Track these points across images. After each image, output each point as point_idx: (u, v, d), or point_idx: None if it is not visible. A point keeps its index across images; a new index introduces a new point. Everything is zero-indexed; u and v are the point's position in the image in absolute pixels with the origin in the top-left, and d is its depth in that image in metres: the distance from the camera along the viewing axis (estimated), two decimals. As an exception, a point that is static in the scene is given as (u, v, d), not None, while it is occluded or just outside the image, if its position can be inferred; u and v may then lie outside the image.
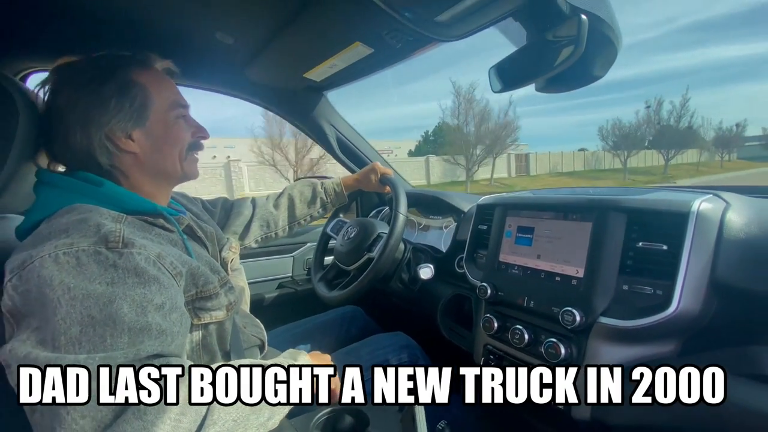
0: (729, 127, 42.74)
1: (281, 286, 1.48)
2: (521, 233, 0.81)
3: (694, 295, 0.57)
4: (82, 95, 0.57)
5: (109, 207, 0.55)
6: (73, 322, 0.42)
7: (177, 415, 0.43)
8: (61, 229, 0.49)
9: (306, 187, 1.08)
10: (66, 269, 0.45)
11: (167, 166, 0.64)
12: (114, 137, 0.58)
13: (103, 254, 0.47)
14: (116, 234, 0.49)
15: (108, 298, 0.45)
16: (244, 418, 0.49)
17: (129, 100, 0.58)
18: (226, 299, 0.63)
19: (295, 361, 0.62)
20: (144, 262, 0.49)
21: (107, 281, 0.46)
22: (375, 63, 0.94)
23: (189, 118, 0.67)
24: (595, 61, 0.71)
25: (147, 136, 0.61)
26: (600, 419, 0.63)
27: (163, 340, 0.47)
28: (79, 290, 0.44)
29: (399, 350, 0.93)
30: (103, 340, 0.43)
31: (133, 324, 0.45)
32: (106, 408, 0.41)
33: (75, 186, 0.56)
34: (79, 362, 0.41)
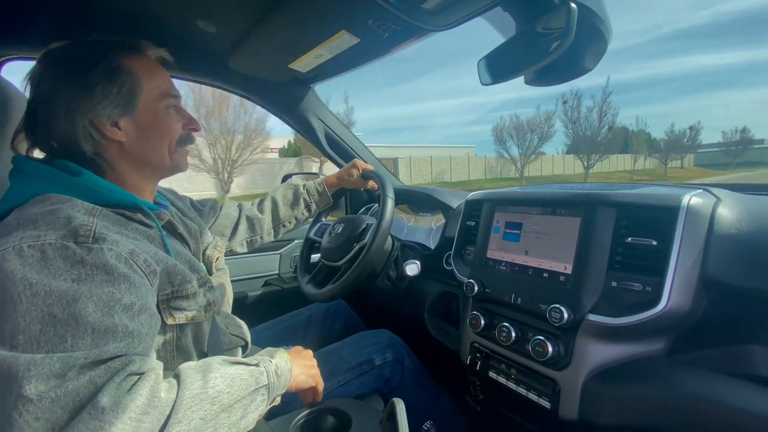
0: (682, 130, 37.92)
1: (267, 283, 1.45)
2: (509, 229, 0.80)
3: (684, 291, 0.56)
4: (67, 80, 0.54)
5: (86, 198, 0.52)
6: (33, 320, 0.40)
7: (138, 415, 0.41)
8: (30, 220, 0.47)
9: (288, 190, 1.07)
10: (30, 263, 0.42)
11: (155, 158, 0.61)
12: (99, 124, 0.56)
13: (70, 249, 0.45)
14: (87, 228, 0.47)
15: (72, 296, 0.42)
16: (213, 417, 0.47)
17: (116, 87, 0.56)
18: (205, 299, 0.60)
19: (271, 358, 0.60)
20: (114, 258, 0.47)
21: (73, 278, 0.43)
22: (362, 54, 0.92)
23: (180, 109, 0.65)
24: (585, 53, 0.70)
25: (135, 125, 0.59)
26: (587, 419, 0.62)
27: (129, 343, 0.45)
28: (42, 286, 0.41)
29: (383, 349, 0.91)
30: (63, 341, 0.41)
31: (97, 324, 0.43)
32: (61, 409, 0.39)
33: (51, 175, 0.54)
34: (35, 362, 0.39)
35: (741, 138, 42.86)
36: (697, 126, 38.91)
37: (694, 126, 38.54)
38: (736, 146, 42.60)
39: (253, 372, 0.54)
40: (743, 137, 42.88)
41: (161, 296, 0.54)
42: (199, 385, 0.47)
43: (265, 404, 0.55)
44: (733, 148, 42.49)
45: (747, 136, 43.06)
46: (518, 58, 0.72)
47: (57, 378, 0.39)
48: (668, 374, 0.56)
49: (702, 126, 41.91)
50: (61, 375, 0.39)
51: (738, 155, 42.63)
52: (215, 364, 0.51)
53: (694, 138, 37.92)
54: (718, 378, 0.53)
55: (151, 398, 0.42)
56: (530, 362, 0.69)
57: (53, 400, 0.38)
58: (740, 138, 42.88)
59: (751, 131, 43.39)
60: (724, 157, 43.83)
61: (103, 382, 0.41)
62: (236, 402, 0.50)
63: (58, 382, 0.39)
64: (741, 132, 42.95)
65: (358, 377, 0.85)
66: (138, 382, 0.43)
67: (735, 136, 42.96)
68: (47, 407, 0.38)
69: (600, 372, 0.62)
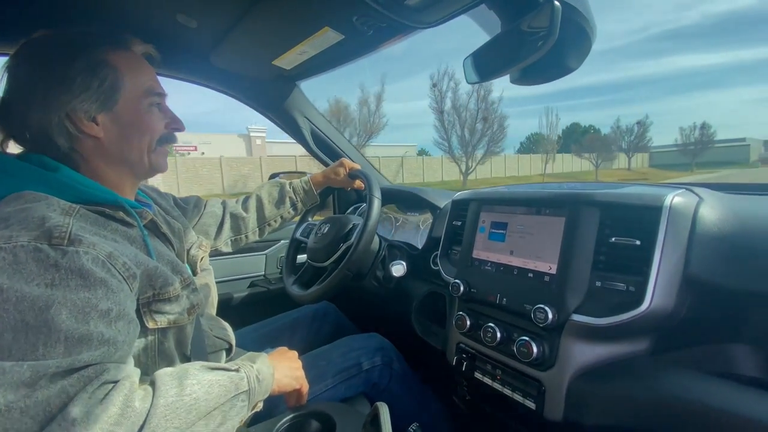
0: (629, 126, 33.27)
1: (253, 284, 1.43)
2: (495, 229, 0.79)
3: (667, 291, 0.56)
4: (46, 71, 0.52)
5: (64, 195, 0.50)
6: (5, 327, 0.39)
7: (110, 426, 0.39)
8: (2, 218, 0.45)
9: (274, 188, 1.04)
10: (1, 267, 0.40)
11: (132, 156, 0.59)
12: (75, 118, 0.53)
13: (44, 252, 0.42)
14: (62, 229, 0.45)
15: (45, 302, 0.40)
16: (190, 425, 0.46)
17: (97, 81, 0.54)
18: (188, 302, 0.58)
19: (252, 363, 0.58)
20: (91, 262, 0.45)
21: (46, 282, 0.41)
22: (347, 51, 0.90)
23: (164, 108, 0.63)
24: (569, 52, 0.69)
25: (113, 122, 0.56)
26: (573, 420, 0.62)
27: (105, 351, 0.43)
28: (13, 292, 0.40)
29: (372, 353, 0.90)
30: (35, 349, 0.39)
31: (71, 332, 0.41)
32: (30, 419, 0.37)
33: (26, 171, 0.51)
34: (3, 370, 0.37)
35: (701, 135, 37.76)
36: (645, 121, 33.40)
37: (642, 121, 33.18)
38: (695, 145, 37.64)
39: (233, 378, 0.53)
40: (703, 135, 37.75)
41: (142, 300, 0.52)
42: (174, 393, 0.45)
43: (245, 410, 0.54)
44: (692, 147, 37.66)
45: (707, 133, 37.68)
46: (504, 57, 0.71)
47: (27, 387, 0.37)
48: (652, 374, 0.56)
49: (651, 122, 34.14)
50: (30, 384, 0.38)
51: (697, 155, 37.93)
52: (193, 370, 0.50)
53: (642, 135, 32.80)
54: (701, 378, 0.53)
55: (124, 408, 0.41)
56: (515, 363, 0.69)
57: (22, 410, 0.37)
58: (700, 136, 37.76)
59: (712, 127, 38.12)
60: (682, 157, 39.35)
61: (75, 392, 0.40)
62: (214, 409, 0.49)
63: (27, 392, 0.37)
64: (701, 129, 37.89)
65: (345, 381, 0.84)
66: (111, 391, 0.41)
67: (694, 133, 37.91)
68: (16, 418, 0.36)
69: (584, 372, 0.61)
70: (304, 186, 1.06)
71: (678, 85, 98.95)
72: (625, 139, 34.15)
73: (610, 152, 33.41)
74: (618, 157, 36.03)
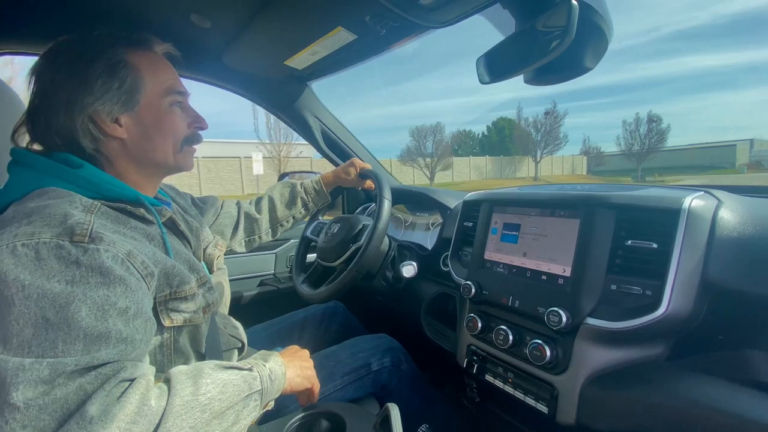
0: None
1: (263, 283, 1.43)
2: (507, 230, 0.78)
3: (685, 295, 0.55)
4: (68, 73, 0.53)
5: (86, 192, 0.51)
6: (26, 323, 0.39)
7: (127, 424, 0.40)
8: (25, 214, 0.45)
9: (285, 188, 1.05)
10: (23, 263, 0.41)
11: (157, 156, 0.60)
12: (98, 120, 0.54)
13: (65, 248, 0.43)
14: (84, 226, 0.45)
15: (65, 299, 0.41)
16: (204, 424, 0.46)
17: (117, 82, 0.54)
18: (204, 300, 0.59)
19: (265, 362, 0.59)
20: (111, 260, 0.45)
21: (67, 279, 0.42)
22: (359, 51, 0.90)
23: (186, 107, 0.63)
24: (585, 52, 0.68)
25: (136, 123, 0.57)
26: (585, 424, 0.61)
27: (123, 349, 0.44)
28: (34, 289, 0.40)
29: (381, 354, 0.90)
30: (54, 346, 0.40)
31: (90, 330, 0.41)
32: (48, 416, 0.37)
33: (51, 168, 0.52)
34: (23, 367, 0.37)
35: (648, 131, 32.24)
36: (551, 107, 29.45)
37: (550, 110, 28.54)
38: (640, 145, 32.13)
39: (246, 377, 0.53)
40: (652, 131, 32.18)
41: (159, 298, 0.53)
42: (189, 391, 0.45)
43: (258, 410, 0.54)
44: (637, 148, 32.25)
45: (658, 128, 32.13)
46: (517, 57, 0.70)
47: (45, 384, 0.38)
48: (668, 379, 0.55)
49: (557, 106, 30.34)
50: (49, 381, 0.38)
51: (643, 158, 32.37)
52: (207, 369, 0.50)
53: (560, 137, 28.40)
54: (718, 383, 0.52)
55: (140, 407, 0.41)
56: (527, 366, 0.68)
57: (41, 407, 0.37)
58: (647, 131, 32.26)
59: (663, 120, 31.81)
60: (626, 162, 34.15)
61: (92, 390, 0.40)
62: (228, 408, 0.49)
63: (46, 389, 0.38)
64: (648, 122, 32.64)
65: (354, 382, 0.84)
66: (128, 389, 0.42)
67: (640, 129, 32.18)
68: (34, 415, 0.37)
69: (599, 376, 0.61)
70: (315, 186, 1.07)
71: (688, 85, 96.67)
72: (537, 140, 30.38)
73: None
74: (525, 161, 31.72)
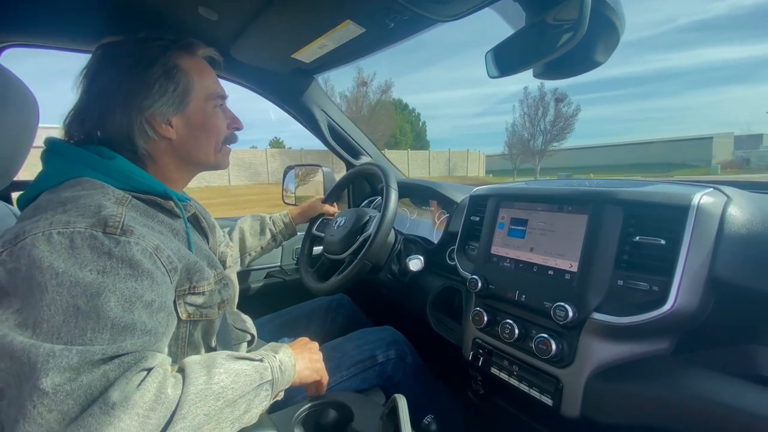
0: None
1: (269, 275, 1.45)
2: (514, 225, 0.79)
3: (692, 291, 0.55)
4: (126, 77, 0.56)
5: (119, 183, 0.53)
6: (57, 310, 0.41)
7: (145, 411, 0.41)
8: (60, 202, 0.47)
9: (255, 221, 1.09)
10: (58, 251, 0.42)
11: (200, 156, 0.63)
12: (154, 122, 0.57)
13: (99, 239, 0.45)
14: (117, 219, 0.47)
15: (96, 289, 0.42)
16: (218, 412, 0.47)
17: (173, 85, 0.58)
18: (219, 297, 0.60)
19: (275, 353, 0.60)
20: (140, 253, 0.47)
21: (99, 269, 0.44)
22: (367, 44, 0.90)
23: (225, 109, 0.67)
24: (596, 46, 0.68)
25: (185, 124, 0.60)
26: (589, 417, 0.62)
27: (146, 341, 0.45)
28: (68, 277, 0.42)
29: (387, 346, 0.91)
30: (83, 334, 0.41)
31: (117, 320, 0.43)
32: (73, 401, 0.38)
33: (85, 158, 0.54)
34: (53, 354, 0.39)
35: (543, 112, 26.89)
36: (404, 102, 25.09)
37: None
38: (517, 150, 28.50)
39: (258, 368, 0.54)
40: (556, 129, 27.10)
41: (178, 292, 0.54)
42: (203, 380, 0.47)
43: (268, 399, 0.55)
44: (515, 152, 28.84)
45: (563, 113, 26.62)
46: (527, 51, 0.70)
47: (73, 371, 0.39)
48: (673, 374, 0.56)
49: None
50: (77, 368, 0.39)
51: (517, 159, 28.99)
52: (220, 359, 0.51)
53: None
54: (723, 378, 0.52)
55: (158, 394, 0.42)
56: (533, 359, 0.69)
57: (68, 393, 0.38)
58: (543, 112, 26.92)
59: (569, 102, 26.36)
60: (505, 162, 30.69)
61: (115, 377, 0.41)
62: (240, 397, 0.50)
63: (72, 375, 0.39)
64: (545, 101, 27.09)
65: (360, 373, 0.85)
66: (147, 377, 0.43)
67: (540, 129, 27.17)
68: (61, 400, 0.38)
69: (603, 370, 0.61)
70: (283, 219, 1.11)
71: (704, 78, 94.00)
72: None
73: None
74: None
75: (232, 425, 0.50)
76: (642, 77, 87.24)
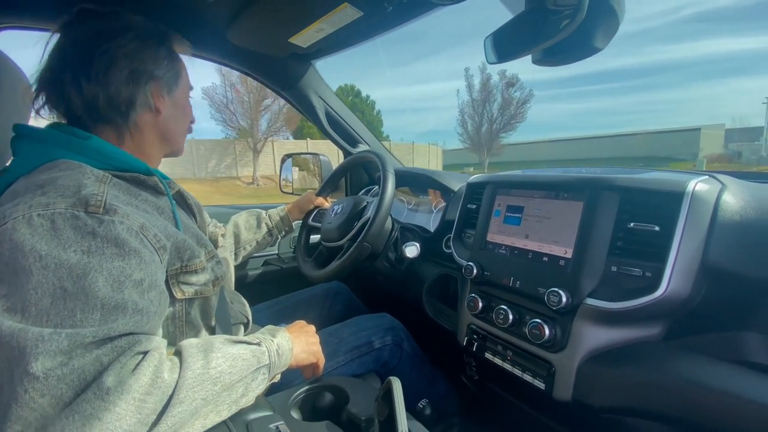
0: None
1: (267, 263, 1.45)
2: (510, 212, 0.79)
3: (684, 277, 0.56)
4: (141, 45, 0.58)
5: (97, 163, 0.52)
6: (44, 292, 0.40)
7: (141, 395, 0.40)
8: (38, 185, 0.46)
9: (251, 215, 1.09)
10: (39, 233, 0.41)
11: (176, 136, 0.67)
12: (155, 92, 0.61)
13: (81, 219, 0.44)
14: (98, 198, 0.46)
15: (83, 269, 0.42)
16: (215, 396, 0.47)
17: (173, 65, 0.63)
18: (213, 274, 0.60)
19: (273, 337, 0.60)
20: (126, 232, 0.46)
21: (83, 250, 0.42)
22: (365, 29, 0.89)
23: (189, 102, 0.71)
24: (596, 31, 0.67)
25: (172, 104, 0.64)
26: (581, 400, 0.63)
27: (138, 320, 0.44)
28: (52, 259, 0.41)
29: (383, 332, 0.92)
30: (73, 315, 0.40)
31: (107, 300, 0.42)
32: (66, 386, 0.38)
33: (58, 139, 0.53)
34: (42, 338, 0.38)
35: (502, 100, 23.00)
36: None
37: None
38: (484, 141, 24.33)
39: (255, 351, 0.54)
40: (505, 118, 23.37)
41: (170, 272, 0.54)
42: (201, 365, 0.46)
43: (265, 382, 0.56)
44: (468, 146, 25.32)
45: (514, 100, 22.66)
46: (526, 36, 0.69)
47: (64, 355, 0.38)
48: (663, 358, 0.56)
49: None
50: (67, 352, 0.39)
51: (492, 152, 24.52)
52: (217, 343, 0.51)
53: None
54: (712, 363, 0.53)
55: (154, 379, 0.42)
56: (526, 344, 0.70)
57: (59, 377, 0.38)
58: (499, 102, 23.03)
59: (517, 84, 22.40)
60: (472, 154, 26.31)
61: (108, 361, 0.41)
62: (238, 381, 0.50)
63: (64, 359, 0.38)
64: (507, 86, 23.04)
65: (357, 358, 0.86)
66: (142, 361, 0.42)
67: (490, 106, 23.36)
68: (53, 384, 0.37)
69: (595, 355, 0.62)
70: (280, 213, 1.11)
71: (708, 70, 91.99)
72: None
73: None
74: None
75: (230, 408, 0.51)
76: (645, 69, 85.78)
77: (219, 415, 0.49)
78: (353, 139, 1.43)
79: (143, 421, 0.40)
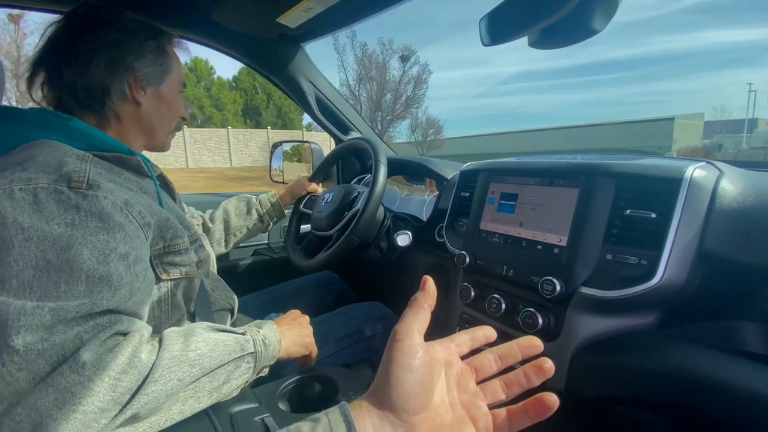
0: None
1: (256, 253, 1.43)
2: (504, 200, 0.77)
3: (680, 265, 0.55)
4: (126, 37, 0.59)
5: (78, 144, 0.51)
6: (26, 264, 0.39)
7: (117, 374, 0.40)
8: (17, 162, 0.45)
9: (241, 202, 1.06)
10: (21, 206, 0.40)
11: (158, 130, 0.67)
12: (134, 84, 0.61)
13: (64, 193, 0.43)
14: (81, 174, 0.45)
15: (66, 241, 0.41)
16: (193, 380, 0.47)
17: (160, 60, 0.64)
18: (197, 256, 0.60)
19: (259, 328, 0.59)
20: (110, 206, 0.45)
21: (67, 222, 0.42)
22: (356, 8, 0.85)
23: (182, 98, 0.71)
24: (594, 12, 0.65)
25: (156, 96, 0.64)
26: (574, 389, 0.62)
27: (122, 295, 0.44)
28: (35, 231, 0.40)
29: (374, 321, 0.91)
30: (57, 287, 0.39)
31: (92, 272, 0.41)
32: (44, 361, 0.37)
33: (42, 120, 0.53)
34: (25, 312, 0.37)
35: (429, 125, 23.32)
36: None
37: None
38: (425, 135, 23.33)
39: (239, 339, 0.54)
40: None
41: (154, 251, 0.53)
42: (179, 347, 0.46)
43: (250, 372, 0.55)
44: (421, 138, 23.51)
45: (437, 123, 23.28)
46: (522, 17, 0.66)
47: (45, 330, 0.38)
48: (657, 347, 0.56)
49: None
50: (50, 327, 0.38)
51: (431, 146, 23.70)
52: (199, 329, 0.51)
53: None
54: (706, 352, 0.52)
55: (131, 359, 0.42)
56: (519, 333, 0.69)
57: (39, 352, 0.37)
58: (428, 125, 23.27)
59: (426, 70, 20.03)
60: (414, 149, 23.19)
61: (88, 338, 0.40)
62: (219, 367, 0.50)
63: (45, 335, 0.38)
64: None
65: (347, 347, 0.85)
66: (122, 341, 0.42)
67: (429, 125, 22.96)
68: (32, 359, 0.37)
69: (589, 344, 0.61)
70: (270, 199, 1.08)
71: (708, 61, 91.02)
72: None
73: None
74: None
75: (210, 395, 0.50)
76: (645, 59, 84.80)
77: (199, 401, 0.49)
78: (345, 125, 1.40)
79: (117, 400, 0.40)
